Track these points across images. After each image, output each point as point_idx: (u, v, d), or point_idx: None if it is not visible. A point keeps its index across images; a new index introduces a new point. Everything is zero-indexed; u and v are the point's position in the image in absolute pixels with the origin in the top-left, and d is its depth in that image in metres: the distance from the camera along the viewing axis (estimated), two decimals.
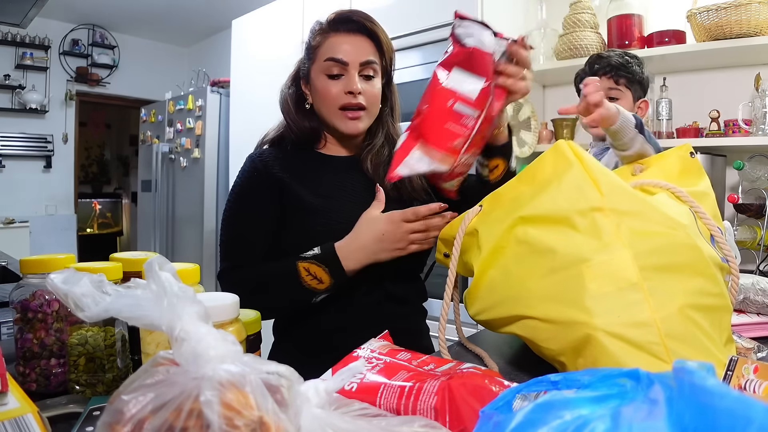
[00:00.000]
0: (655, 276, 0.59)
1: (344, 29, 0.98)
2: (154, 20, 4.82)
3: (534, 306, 0.63)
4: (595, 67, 1.33)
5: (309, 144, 1.06)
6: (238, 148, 3.20)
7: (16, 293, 0.63)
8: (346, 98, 0.97)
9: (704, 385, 0.28)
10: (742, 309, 0.97)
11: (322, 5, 2.64)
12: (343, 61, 0.96)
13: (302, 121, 1.03)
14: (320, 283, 0.90)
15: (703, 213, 0.69)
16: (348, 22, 0.98)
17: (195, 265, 0.64)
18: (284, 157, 1.03)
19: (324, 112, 1.01)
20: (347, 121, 0.99)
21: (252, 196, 1.00)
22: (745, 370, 0.53)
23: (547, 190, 0.68)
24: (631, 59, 1.31)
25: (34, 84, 4.64)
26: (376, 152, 1.04)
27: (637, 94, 1.31)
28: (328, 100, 0.98)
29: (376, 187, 0.94)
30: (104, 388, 0.62)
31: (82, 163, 6.12)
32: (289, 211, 0.99)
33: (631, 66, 1.29)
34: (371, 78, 1.00)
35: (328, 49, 0.98)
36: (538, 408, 0.33)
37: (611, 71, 1.29)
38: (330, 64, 0.97)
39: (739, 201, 1.74)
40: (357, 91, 0.97)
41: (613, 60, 1.30)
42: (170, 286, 0.36)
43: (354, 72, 0.97)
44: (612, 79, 1.29)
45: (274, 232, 1.00)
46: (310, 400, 0.37)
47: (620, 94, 1.29)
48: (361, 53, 0.98)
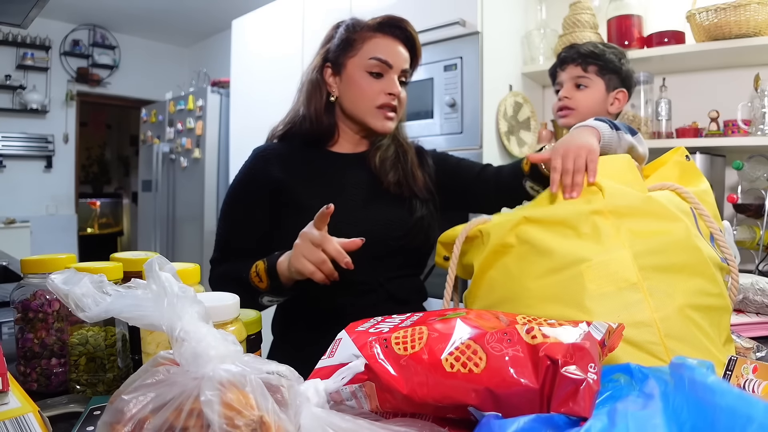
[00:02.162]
0: (655, 276, 0.59)
1: (392, 34, 1.02)
2: (154, 20, 4.82)
3: (534, 306, 0.63)
4: (562, 55, 1.31)
5: (319, 141, 1.07)
6: (238, 148, 3.20)
7: (17, 293, 0.63)
8: (386, 99, 1.01)
9: (705, 381, 0.28)
10: (741, 309, 0.97)
11: (322, 5, 2.64)
12: (389, 63, 1.00)
13: (323, 115, 1.04)
14: (260, 281, 0.90)
15: (705, 212, 0.69)
16: (397, 29, 1.03)
17: (195, 265, 0.64)
18: (289, 155, 1.04)
19: (359, 107, 1.02)
20: (383, 120, 1.02)
21: (245, 197, 1.02)
22: (744, 370, 0.53)
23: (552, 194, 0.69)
24: (607, 49, 1.28)
25: (35, 84, 4.64)
26: (384, 149, 1.07)
27: (612, 83, 1.26)
28: (366, 97, 1.01)
29: (328, 206, 0.82)
30: (105, 388, 0.62)
31: (82, 163, 6.11)
32: (285, 211, 0.99)
33: (605, 54, 1.26)
34: (404, 84, 1.05)
35: (375, 48, 1.01)
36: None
37: (579, 58, 1.27)
38: (374, 63, 1.00)
39: (738, 201, 1.74)
40: (398, 94, 1.02)
41: (582, 48, 1.28)
42: (170, 286, 0.36)
43: (395, 76, 1.02)
44: (579, 66, 1.26)
45: (266, 231, 1.01)
46: (310, 399, 0.37)
47: (588, 81, 1.26)
48: (403, 60, 1.03)
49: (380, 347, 0.43)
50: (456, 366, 0.39)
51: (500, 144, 2.12)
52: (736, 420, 0.25)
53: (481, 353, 0.39)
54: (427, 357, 0.41)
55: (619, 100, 1.27)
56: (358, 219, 0.99)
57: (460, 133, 2.06)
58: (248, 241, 1.01)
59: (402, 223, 1.02)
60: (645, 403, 0.32)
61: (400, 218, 1.03)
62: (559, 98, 1.29)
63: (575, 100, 1.26)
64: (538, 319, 0.43)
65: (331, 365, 0.45)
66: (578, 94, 1.27)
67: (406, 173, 1.06)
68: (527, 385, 0.37)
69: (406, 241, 1.02)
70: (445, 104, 2.09)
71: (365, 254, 0.93)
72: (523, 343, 0.39)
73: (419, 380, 0.40)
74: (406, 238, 1.02)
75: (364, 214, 1.00)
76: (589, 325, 0.41)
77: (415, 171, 1.07)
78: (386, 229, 1.00)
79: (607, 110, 1.26)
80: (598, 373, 0.36)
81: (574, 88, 1.28)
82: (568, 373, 0.36)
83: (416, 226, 1.03)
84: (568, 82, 1.28)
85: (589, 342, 0.38)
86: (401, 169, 1.06)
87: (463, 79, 2.04)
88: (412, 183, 1.05)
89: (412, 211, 1.04)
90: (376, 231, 0.98)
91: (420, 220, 1.04)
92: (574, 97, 1.27)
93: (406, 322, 0.48)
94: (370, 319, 0.52)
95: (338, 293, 0.95)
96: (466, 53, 2.03)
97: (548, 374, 0.37)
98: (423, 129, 2.15)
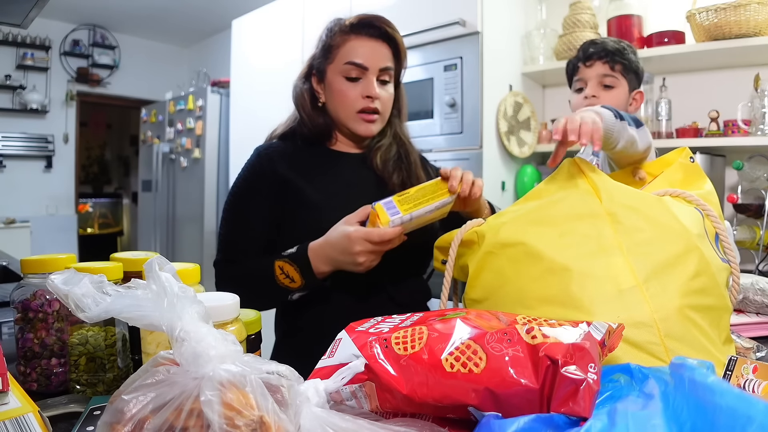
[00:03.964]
0: (655, 277, 0.59)
1: (366, 33, 1.00)
2: (154, 20, 4.82)
3: (534, 307, 0.63)
4: (590, 50, 1.20)
5: (320, 140, 1.07)
6: (238, 148, 3.20)
7: (17, 293, 0.63)
8: (364, 102, 0.99)
9: (705, 381, 0.28)
10: (742, 309, 0.97)
11: (322, 5, 2.64)
12: (363, 65, 0.98)
13: (316, 117, 1.04)
14: (292, 282, 0.91)
15: (712, 212, 0.69)
16: (370, 27, 1.00)
17: (195, 265, 0.64)
18: (293, 153, 1.04)
19: (340, 113, 1.02)
20: (363, 124, 1.01)
21: (251, 196, 1.01)
22: (744, 370, 0.53)
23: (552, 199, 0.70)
24: (627, 47, 1.20)
25: (35, 84, 4.64)
26: (385, 150, 1.06)
27: (632, 84, 1.20)
28: (345, 103, 1.00)
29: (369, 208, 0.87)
30: (105, 388, 0.62)
31: (82, 163, 6.11)
32: (291, 208, 0.99)
33: (627, 53, 1.18)
34: (386, 83, 1.02)
35: (349, 51, 0.99)
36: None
37: (606, 56, 1.17)
38: (350, 68, 0.98)
39: (738, 201, 1.74)
40: (376, 96, 0.99)
41: (609, 45, 1.19)
42: (170, 286, 0.36)
43: (373, 77, 0.99)
44: (608, 65, 1.17)
45: (272, 229, 1.00)
46: (310, 399, 0.37)
47: (616, 81, 1.17)
48: (380, 59, 0.99)
49: (380, 347, 0.43)
50: (456, 366, 0.39)
51: (500, 144, 2.12)
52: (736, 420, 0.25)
53: (481, 353, 0.39)
54: (427, 357, 0.41)
55: (637, 101, 1.20)
56: None
57: (460, 133, 2.07)
58: (255, 238, 1.00)
59: None
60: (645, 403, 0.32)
61: None
62: (585, 96, 1.18)
63: (602, 100, 1.16)
64: (538, 319, 0.43)
65: (331, 365, 0.45)
66: (605, 94, 1.17)
67: (410, 174, 1.06)
68: (527, 385, 0.37)
69: (410, 239, 1.02)
70: (445, 104, 2.09)
71: None
72: (523, 343, 0.39)
73: (419, 380, 0.40)
74: (410, 236, 1.02)
75: None
76: (589, 325, 0.41)
77: (419, 172, 1.08)
78: None
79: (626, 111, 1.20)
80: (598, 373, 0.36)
81: (600, 86, 1.17)
82: (568, 373, 0.35)
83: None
84: (593, 79, 1.18)
85: (589, 342, 0.38)
86: (405, 170, 1.06)
87: (463, 79, 2.04)
88: (416, 183, 1.05)
89: None
90: None
91: None
92: (601, 96, 1.17)
93: (406, 322, 0.48)
94: (371, 319, 0.52)
95: (341, 293, 0.95)
96: (466, 53, 2.03)
97: (548, 374, 0.37)
98: (423, 129, 2.15)
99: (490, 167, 2.05)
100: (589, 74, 1.19)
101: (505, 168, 2.17)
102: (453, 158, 2.08)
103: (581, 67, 1.21)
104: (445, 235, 0.85)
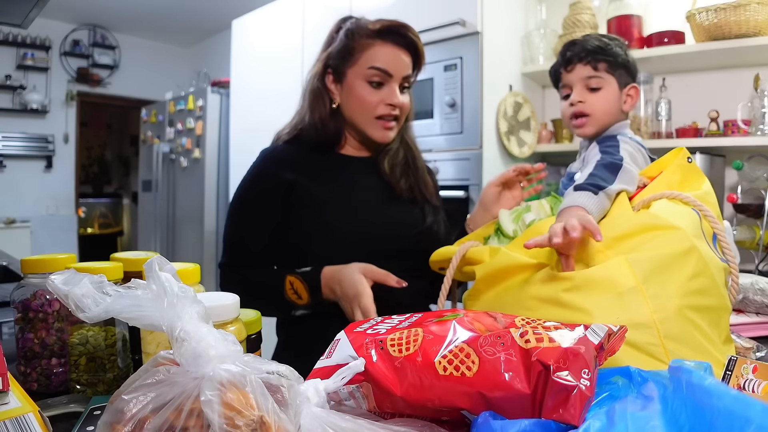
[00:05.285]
0: (654, 278, 0.59)
1: (392, 41, 0.99)
2: (154, 20, 4.82)
3: (534, 308, 0.63)
4: (567, 54, 1.11)
5: (328, 145, 1.05)
6: (238, 149, 3.20)
7: (17, 293, 0.63)
8: (385, 109, 0.99)
9: (702, 384, 0.28)
10: (741, 309, 0.97)
11: (322, 5, 2.64)
12: (389, 72, 0.98)
13: (328, 120, 1.03)
14: (299, 298, 0.92)
15: (709, 212, 0.69)
16: (397, 35, 0.99)
17: (195, 265, 0.64)
18: (299, 156, 1.03)
19: (357, 117, 1.01)
20: (381, 130, 1.00)
21: (257, 200, 1.00)
22: (744, 370, 0.53)
23: None
24: (610, 41, 1.11)
25: (35, 84, 4.64)
26: (393, 154, 1.06)
27: (623, 79, 1.11)
28: (365, 107, 0.99)
29: (397, 280, 0.88)
30: (105, 388, 0.62)
31: (83, 163, 6.11)
32: (297, 211, 0.99)
33: (611, 48, 1.09)
34: (406, 90, 1.02)
35: (374, 56, 0.98)
36: None
37: (587, 56, 1.08)
38: (374, 73, 0.97)
39: (738, 201, 1.74)
40: (398, 105, 0.99)
41: (589, 44, 1.09)
42: (170, 286, 0.36)
43: (395, 85, 0.99)
44: (590, 65, 1.08)
45: (278, 232, 1.00)
46: (310, 399, 0.37)
47: (602, 82, 1.08)
48: (404, 67, 0.99)
49: (375, 349, 0.43)
50: (449, 369, 0.39)
51: (500, 144, 2.12)
52: (734, 422, 0.25)
53: (474, 356, 0.39)
54: (421, 359, 0.40)
55: (632, 97, 1.12)
56: (370, 218, 0.99)
57: (460, 133, 2.07)
58: (261, 242, 1.00)
59: (414, 224, 1.03)
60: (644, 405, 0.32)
61: (412, 219, 1.03)
62: (571, 103, 1.11)
63: (590, 104, 1.09)
64: (535, 321, 0.43)
65: (329, 366, 0.45)
66: (592, 98, 1.09)
67: (417, 179, 1.06)
68: (518, 390, 0.36)
69: (417, 243, 1.02)
70: (445, 104, 2.09)
71: (376, 254, 0.93)
72: (517, 347, 0.38)
73: (413, 382, 0.40)
74: (417, 239, 1.02)
75: (376, 213, 1.01)
76: (587, 328, 0.41)
77: (425, 177, 1.08)
78: (398, 228, 1.00)
79: (621, 110, 1.10)
80: (591, 379, 0.35)
81: (585, 90, 1.10)
82: (559, 378, 0.35)
83: (428, 229, 1.04)
84: (577, 84, 1.11)
85: (584, 347, 0.37)
86: (412, 175, 1.06)
87: (463, 79, 2.04)
88: (423, 189, 1.06)
89: (425, 214, 1.05)
90: (387, 230, 0.98)
91: (432, 224, 1.05)
92: (588, 100, 1.09)
93: (404, 323, 0.48)
94: (371, 319, 0.52)
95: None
96: (466, 53, 2.03)
97: (540, 379, 0.36)
98: (423, 129, 2.15)
99: (490, 167, 2.05)
100: (571, 79, 1.11)
101: (505, 168, 2.15)
102: (453, 158, 2.09)
103: (563, 73, 1.14)
104: (440, 250, 0.87)
